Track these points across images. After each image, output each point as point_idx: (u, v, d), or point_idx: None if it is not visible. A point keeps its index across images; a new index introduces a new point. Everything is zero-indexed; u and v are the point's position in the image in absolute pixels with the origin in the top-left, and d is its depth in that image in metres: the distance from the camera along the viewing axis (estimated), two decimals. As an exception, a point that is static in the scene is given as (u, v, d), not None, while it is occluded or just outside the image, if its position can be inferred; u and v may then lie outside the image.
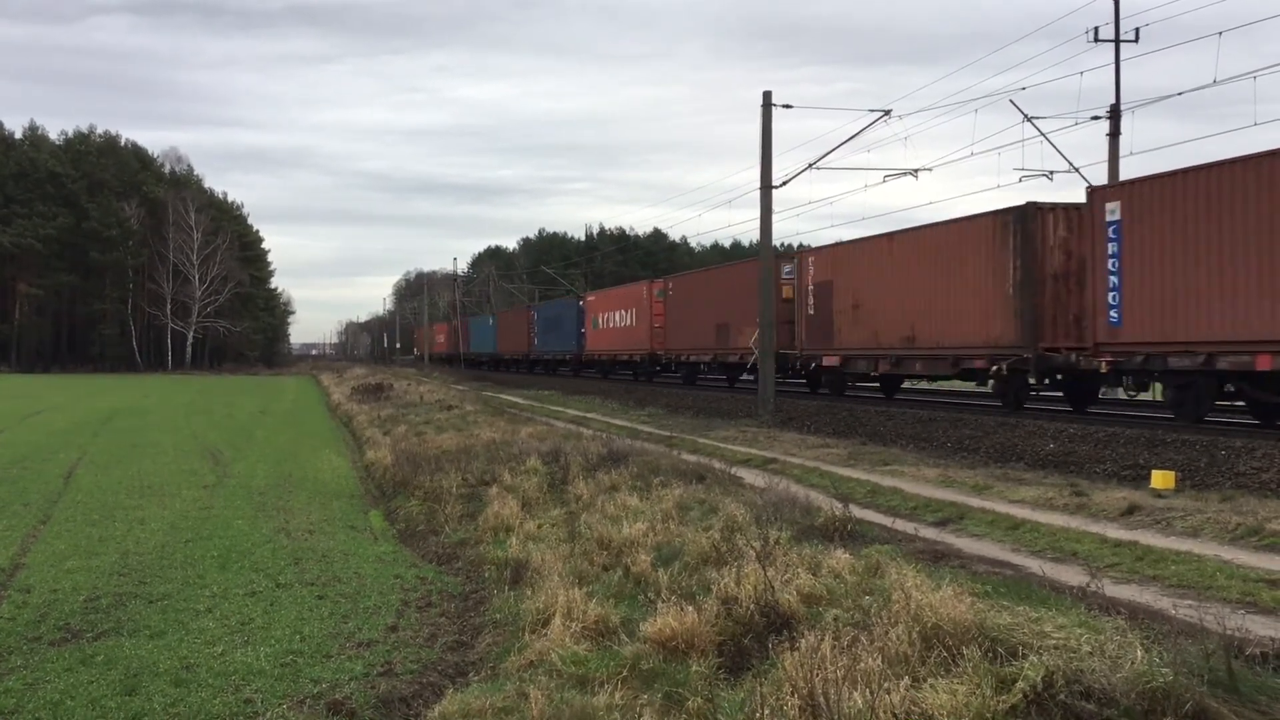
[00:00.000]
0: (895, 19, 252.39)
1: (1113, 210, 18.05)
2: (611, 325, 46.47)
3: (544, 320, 60.00)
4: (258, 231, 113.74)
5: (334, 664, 7.10)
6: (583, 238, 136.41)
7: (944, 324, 22.54)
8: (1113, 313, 17.90)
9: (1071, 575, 7.76)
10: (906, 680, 4.77)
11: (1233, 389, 17.23)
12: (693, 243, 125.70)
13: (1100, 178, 28.17)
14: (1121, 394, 21.57)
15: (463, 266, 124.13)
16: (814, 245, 35.26)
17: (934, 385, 31.59)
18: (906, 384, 29.78)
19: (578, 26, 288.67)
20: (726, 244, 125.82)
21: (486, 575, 9.61)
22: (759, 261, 26.64)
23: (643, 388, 38.64)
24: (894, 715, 4.46)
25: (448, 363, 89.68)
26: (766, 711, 4.69)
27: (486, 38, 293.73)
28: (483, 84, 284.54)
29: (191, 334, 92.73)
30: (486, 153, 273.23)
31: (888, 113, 25.65)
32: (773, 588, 6.48)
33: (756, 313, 26.55)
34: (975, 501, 12.05)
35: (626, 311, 44.40)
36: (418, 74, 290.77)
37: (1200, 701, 4.33)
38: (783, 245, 45.95)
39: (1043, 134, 27.54)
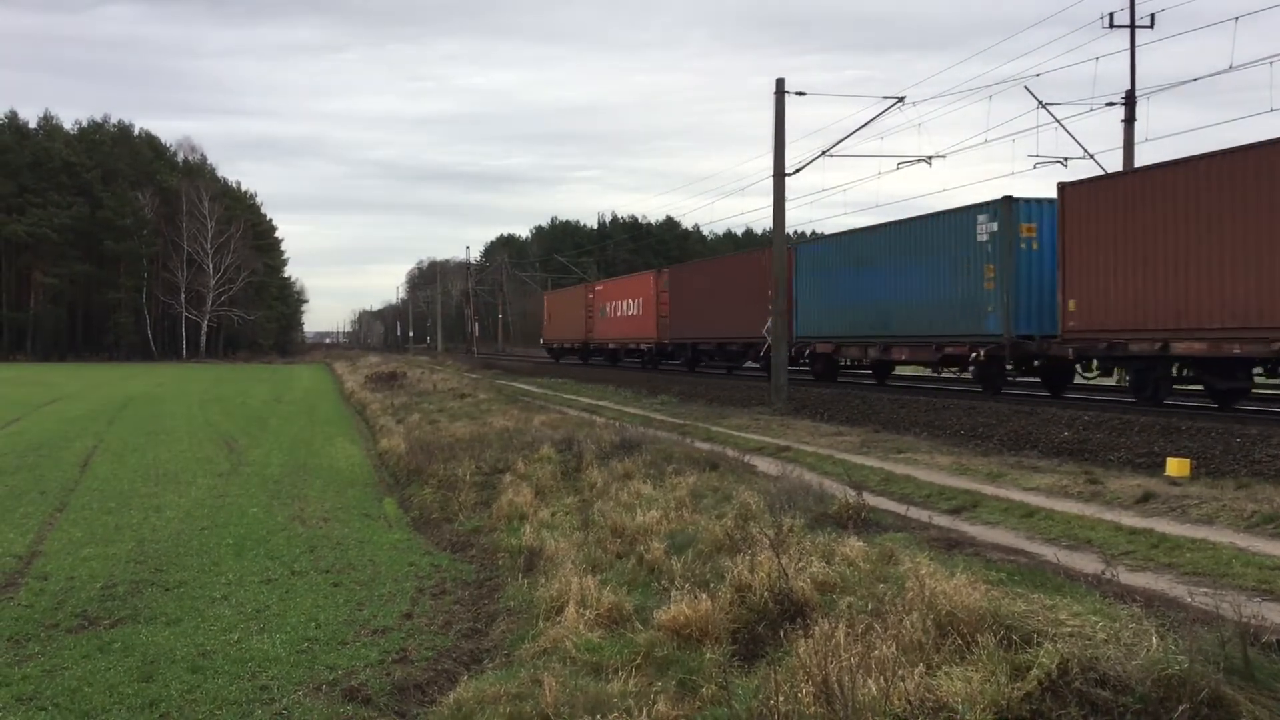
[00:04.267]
0: (905, 6, 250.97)
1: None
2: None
3: None
4: (271, 220, 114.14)
5: (349, 651, 7.14)
6: (595, 225, 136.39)
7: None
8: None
9: (1086, 563, 7.73)
10: (921, 668, 4.76)
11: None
12: (705, 231, 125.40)
13: (1116, 164, 28.01)
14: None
15: (475, 255, 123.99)
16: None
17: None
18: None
19: (583, 14, 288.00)
20: (739, 232, 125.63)
21: (500, 563, 9.64)
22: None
23: (653, 375, 38.83)
24: (908, 702, 4.46)
25: (664, 358, 42.51)
26: (780, 699, 4.69)
27: (493, 26, 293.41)
28: (490, 72, 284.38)
29: (206, 323, 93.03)
30: (496, 140, 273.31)
31: (901, 100, 25.50)
32: (786, 575, 6.47)
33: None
34: (989, 489, 12.01)
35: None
36: (425, 62, 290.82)
37: (1216, 689, 4.32)
38: (796, 233, 45.58)
39: (1057, 120, 27.47)
